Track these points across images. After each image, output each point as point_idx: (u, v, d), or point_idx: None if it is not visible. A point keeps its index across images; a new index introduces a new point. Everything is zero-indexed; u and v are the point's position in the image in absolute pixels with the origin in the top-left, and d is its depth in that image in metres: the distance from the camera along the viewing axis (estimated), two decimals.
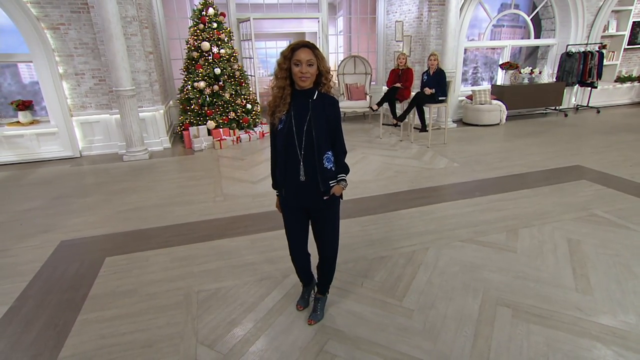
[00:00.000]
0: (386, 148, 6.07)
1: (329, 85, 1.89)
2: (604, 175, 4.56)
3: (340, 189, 2.00)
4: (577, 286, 2.54)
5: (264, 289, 2.65)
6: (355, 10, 8.90)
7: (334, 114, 1.93)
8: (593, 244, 3.06)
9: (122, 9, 5.43)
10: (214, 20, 6.34)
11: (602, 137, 6.30)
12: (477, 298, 2.46)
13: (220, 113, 6.48)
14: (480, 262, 2.86)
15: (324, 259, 2.18)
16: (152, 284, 2.73)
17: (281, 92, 1.86)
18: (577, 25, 8.00)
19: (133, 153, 5.77)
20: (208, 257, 3.08)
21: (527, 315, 2.29)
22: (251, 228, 3.53)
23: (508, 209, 3.75)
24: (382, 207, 3.87)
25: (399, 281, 2.67)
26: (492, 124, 7.41)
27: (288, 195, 2.02)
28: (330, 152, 1.95)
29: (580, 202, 3.83)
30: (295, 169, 1.91)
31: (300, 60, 1.77)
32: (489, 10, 7.79)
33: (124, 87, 5.37)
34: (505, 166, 5.03)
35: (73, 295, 2.61)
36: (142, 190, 4.60)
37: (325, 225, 2.08)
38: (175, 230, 3.56)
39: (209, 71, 6.30)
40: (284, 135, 1.88)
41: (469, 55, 9.14)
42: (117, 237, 3.45)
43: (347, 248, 3.10)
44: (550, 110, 8.47)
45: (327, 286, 2.35)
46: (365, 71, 8.13)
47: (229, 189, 4.52)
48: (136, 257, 3.10)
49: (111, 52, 5.16)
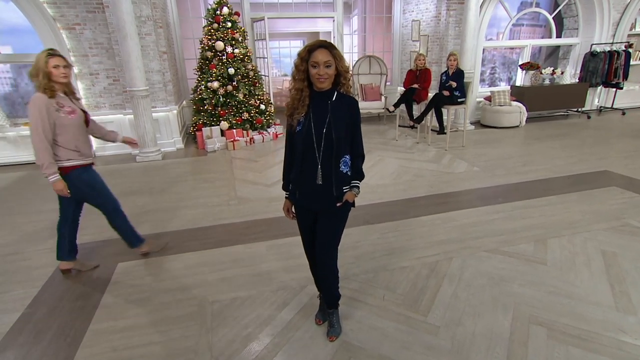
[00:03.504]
0: (402, 151, 5.91)
1: (348, 84, 1.81)
2: (635, 181, 4.33)
3: (353, 195, 1.92)
4: (617, 304, 2.36)
5: (281, 299, 2.54)
6: (371, 9, 8.74)
7: (354, 116, 1.84)
8: (631, 257, 2.87)
9: (137, 9, 5.38)
10: (228, 19, 6.26)
11: (630, 141, 6.04)
12: (507, 315, 2.31)
13: (234, 113, 6.41)
14: (508, 274, 2.70)
15: (321, 265, 2.04)
16: (166, 292, 2.64)
17: (299, 94, 1.77)
18: (602, 24, 7.70)
19: (146, 154, 5.73)
20: (223, 264, 2.99)
21: (564, 336, 2.13)
22: (266, 233, 3.42)
23: (534, 216, 3.57)
24: (401, 213, 3.72)
25: (423, 294, 2.53)
26: (511, 126, 7.18)
27: (301, 198, 1.93)
28: (348, 156, 1.88)
29: (611, 211, 3.63)
30: (313, 172, 1.83)
31: (317, 62, 1.68)
32: (509, 8, 7.55)
33: (137, 87, 5.33)
34: (528, 171, 4.83)
35: (85, 303, 2.54)
36: (155, 192, 4.54)
37: (328, 228, 1.96)
38: (189, 235, 3.47)
39: (223, 71, 6.23)
40: (302, 138, 1.80)
41: (487, 55, 8.90)
42: None
43: (367, 257, 2.98)
44: (572, 112, 8.18)
45: (333, 300, 2.19)
46: (381, 71, 7.97)
47: (243, 192, 4.43)
48: (149, 263, 3.03)
49: (125, 52, 5.11)
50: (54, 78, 2.39)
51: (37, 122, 2.35)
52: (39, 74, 2.35)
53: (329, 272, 2.05)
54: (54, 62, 2.38)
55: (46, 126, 2.38)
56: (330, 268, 2.04)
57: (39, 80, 2.36)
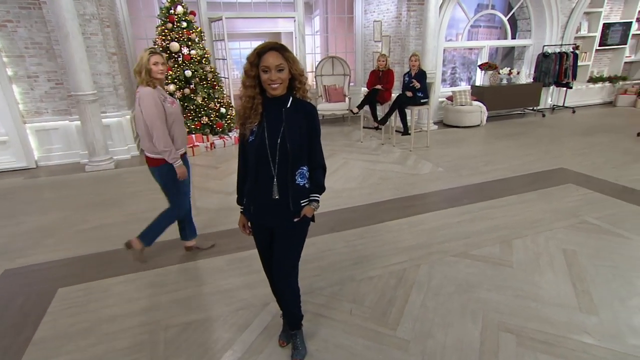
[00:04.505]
0: (368, 152, 5.86)
1: (304, 89, 1.65)
2: (589, 178, 4.49)
3: (312, 210, 1.77)
4: (580, 305, 2.37)
5: (242, 320, 2.35)
6: (332, 10, 8.66)
7: (311, 123, 1.69)
8: (589, 254, 2.92)
9: (80, 6, 4.96)
10: (183, 19, 5.94)
11: (581, 138, 6.31)
12: (477, 323, 2.26)
13: (192, 118, 6.09)
14: (475, 279, 2.67)
15: (279, 286, 1.88)
16: (113, 320, 2.38)
17: (251, 102, 1.61)
18: (552, 26, 8.05)
19: (96, 163, 5.31)
20: (179, 283, 2.76)
21: (532, 342, 2.10)
22: (227, 247, 3.21)
23: (498, 217, 3.59)
24: (368, 219, 3.63)
25: (391, 305, 2.43)
26: (473, 126, 7.33)
27: (256, 213, 1.77)
28: (306, 167, 1.73)
29: (569, 208, 3.72)
30: (268, 185, 1.68)
31: (268, 66, 1.53)
32: (467, 10, 7.72)
33: (84, 91, 4.91)
34: (490, 170, 4.91)
35: (12, 342, 2.22)
36: (106, 205, 4.19)
37: (285, 246, 1.81)
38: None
39: (179, 73, 5.90)
40: (255, 149, 1.64)
41: (447, 55, 9.08)
42: (74, 263, 3.06)
43: (333, 268, 2.85)
44: (528, 110, 8.51)
45: (295, 322, 2.04)
46: (344, 72, 7.90)
47: (202, 202, 4.17)
48: (95, 287, 2.73)
49: (68, 52, 4.69)
50: (152, 74, 2.56)
51: (155, 112, 2.53)
52: (142, 70, 2.54)
53: (289, 293, 1.90)
54: (154, 59, 2.55)
55: (162, 115, 2.57)
56: (289, 289, 1.89)
57: (142, 76, 2.54)
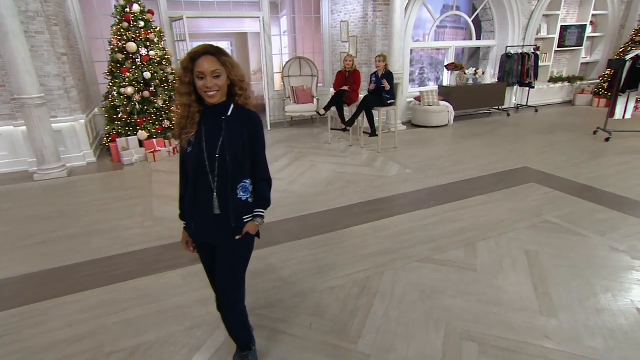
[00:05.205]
0: (336, 155, 5.77)
1: (246, 95, 1.53)
2: (550, 176, 4.58)
3: (255, 226, 1.65)
4: (541, 308, 2.36)
5: (195, 340, 2.20)
6: (299, 10, 8.53)
7: (253, 133, 1.56)
8: (549, 254, 2.94)
9: (21, 2, 4.60)
10: (140, 18, 5.66)
11: (543, 137, 6.48)
12: (440, 332, 2.19)
13: (153, 122, 5.81)
14: (440, 285, 2.61)
15: (223, 307, 1.73)
16: (48, 348, 2.16)
17: (187, 111, 1.46)
18: (514, 28, 8.26)
19: (46, 171, 4.96)
20: (128, 302, 2.56)
21: (494, 349, 2.05)
22: (184, 259, 3.02)
23: (464, 219, 3.58)
24: (333, 224, 3.53)
25: (353, 317, 2.34)
26: (440, 125, 7.40)
27: (197, 230, 1.65)
28: (249, 181, 1.60)
29: (532, 208, 3.76)
30: (208, 200, 1.55)
31: (203, 72, 1.39)
32: (432, 11, 7.79)
33: (29, 94, 4.56)
34: (458, 170, 4.92)
35: None
36: (54, 216, 3.89)
37: (227, 266, 1.68)
38: (89, 269, 2.96)
39: (138, 75, 5.61)
40: (193, 160, 1.51)
41: (415, 55, 9.16)
42: (9, 284, 2.79)
43: (294, 278, 2.73)
44: (494, 110, 8.69)
45: (244, 343, 1.91)
46: (312, 73, 7.80)
47: (160, 211, 3.95)
48: (32, 311, 2.49)
49: (9, 52, 4.34)
50: None
51: None
52: None
53: (234, 315, 1.76)
54: None
55: None
56: (234, 310, 1.75)
57: None
